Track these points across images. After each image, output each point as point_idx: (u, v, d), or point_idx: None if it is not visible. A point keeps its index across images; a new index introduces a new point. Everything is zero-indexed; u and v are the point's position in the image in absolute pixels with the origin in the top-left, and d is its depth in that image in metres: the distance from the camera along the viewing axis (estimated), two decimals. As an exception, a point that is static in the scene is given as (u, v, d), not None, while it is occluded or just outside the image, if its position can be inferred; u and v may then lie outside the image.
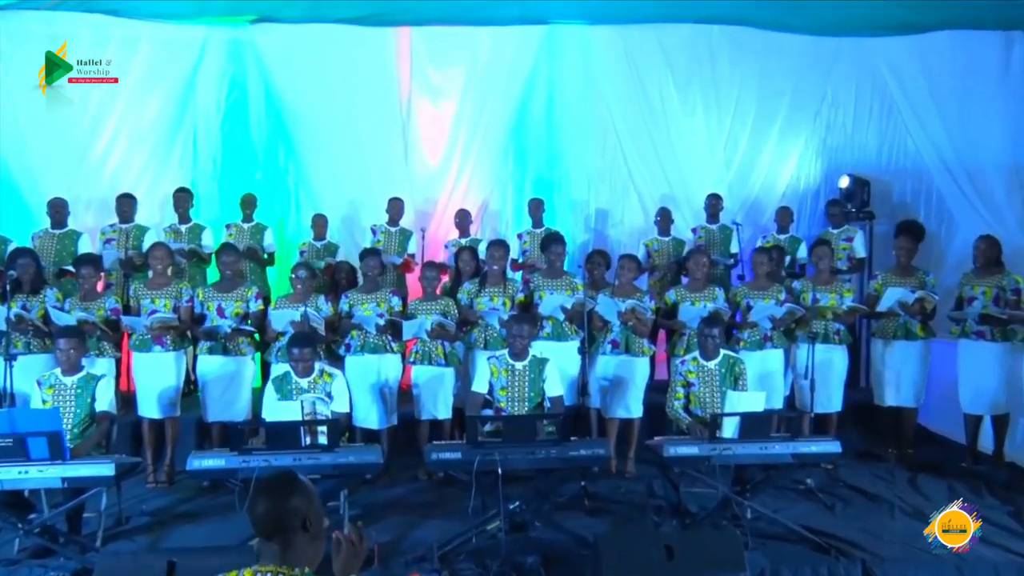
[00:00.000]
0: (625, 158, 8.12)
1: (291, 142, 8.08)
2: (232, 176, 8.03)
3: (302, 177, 8.13)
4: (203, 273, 6.96)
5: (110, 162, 7.66)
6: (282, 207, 8.19)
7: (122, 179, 7.58)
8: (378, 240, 7.37)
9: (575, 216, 8.28)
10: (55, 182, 7.15)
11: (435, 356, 5.68)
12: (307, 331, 5.44)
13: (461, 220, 7.49)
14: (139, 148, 7.72)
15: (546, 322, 5.82)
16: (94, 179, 7.58)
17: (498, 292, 5.86)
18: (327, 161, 8.00)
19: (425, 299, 5.84)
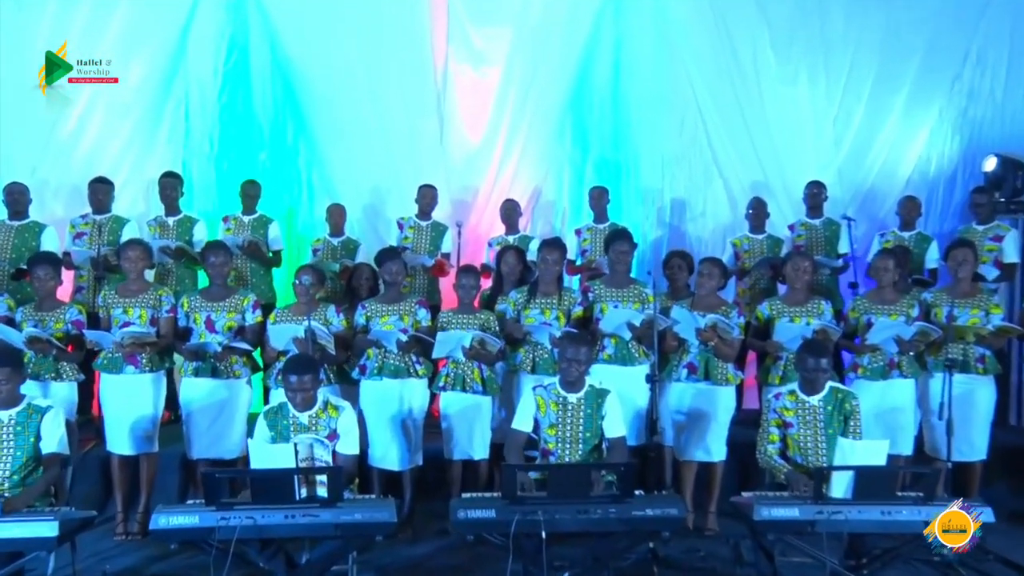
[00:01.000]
0: (708, 137, 8.11)
1: (303, 117, 8.10)
2: (231, 158, 8.05)
3: (316, 159, 8.17)
4: (194, 276, 6.95)
5: (83, 140, 7.68)
6: (291, 196, 8.21)
7: (97, 161, 7.58)
8: (405, 236, 7.34)
9: (646, 208, 8.28)
10: (15, 164, 7.17)
11: (470, 381, 5.58)
12: (309, 353, 5.26)
13: (507, 213, 7.44)
14: (118, 123, 7.74)
15: (608, 341, 5.69)
16: (62, 160, 7.59)
17: (550, 303, 5.75)
18: (346, 140, 8.05)
19: (460, 311, 5.73)
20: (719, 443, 5.62)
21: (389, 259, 5.83)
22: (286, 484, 4.06)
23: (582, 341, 5.02)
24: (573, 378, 4.94)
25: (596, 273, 6.73)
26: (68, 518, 4.11)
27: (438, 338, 5.46)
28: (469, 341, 5.44)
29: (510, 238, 7.29)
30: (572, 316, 5.76)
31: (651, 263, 7.64)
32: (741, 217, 7.48)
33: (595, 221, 7.38)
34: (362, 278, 6.43)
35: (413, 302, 5.79)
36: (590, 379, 5.01)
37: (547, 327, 5.68)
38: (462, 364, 5.58)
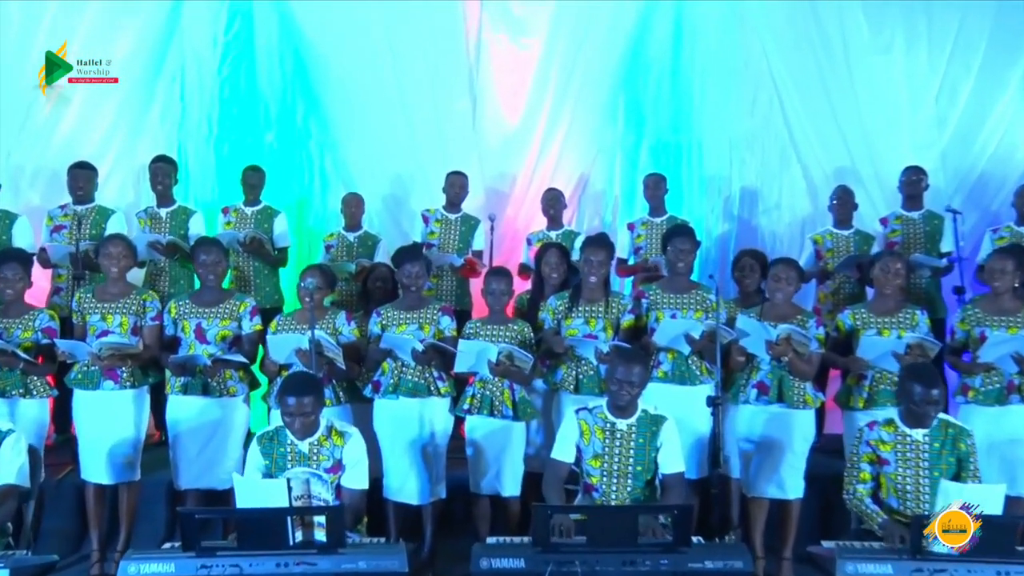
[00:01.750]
0: (785, 115, 8.12)
1: (314, 94, 8.16)
2: (233, 140, 8.08)
3: (329, 142, 8.23)
4: (190, 277, 6.95)
5: (63, 120, 7.72)
6: (301, 184, 8.26)
7: (80, 144, 7.61)
8: (431, 232, 7.36)
9: (711, 199, 8.27)
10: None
11: (499, 404, 5.50)
12: (314, 367, 5.17)
13: (549, 204, 7.42)
14: (103, 101, 7.76)
15: (663, 356, 5.62)
16: (40, 143, 7.64)
17: (596, 312, 5.69)
18: (364, 120, 8.13)
19: (490, 320, 5.66)
20: (795, 477, 5.49)
21: (408, 259, 5.74)
22: (278, 526, 3.94)
23: (634, 358, 4.88)
24: (623, 402, 4.81)
25: (652, 275, 6.70)
26: (21, 565, 3.98)
27: (459, 347, 5.38)
28: (496, 355, 5.37)
29: (552, 234, 7.27)
30: (622, 326, 5.70)
31: (716, 264, 7.69)
32: (823, 209, 7.41)
33: (651, 214, 7.33)
34: (377, 280, 6.38)
35: (436, 309, 5.69)
36: (643, 402, 4.91)
37: (592, 340, 5.58)
38: (490, 383, 5.52)
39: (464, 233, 7.33)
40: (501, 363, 5.40)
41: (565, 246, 6.47)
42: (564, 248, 6.31)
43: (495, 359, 5.38)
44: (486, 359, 5.40)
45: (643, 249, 7.20)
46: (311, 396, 4.57)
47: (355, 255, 7.15)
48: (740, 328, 5.45)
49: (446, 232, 7.33)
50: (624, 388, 4.77)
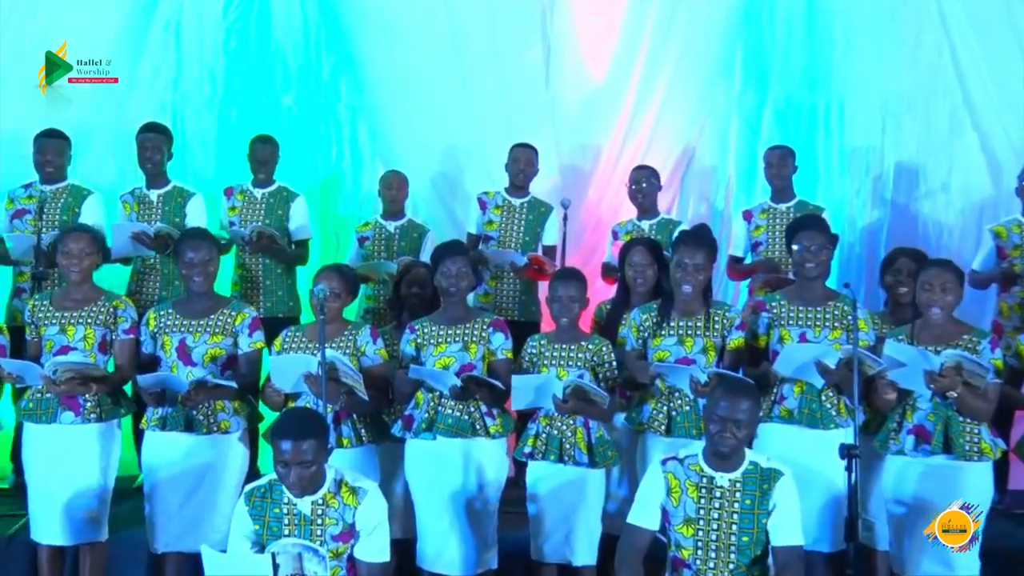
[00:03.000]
0: (958, 66, 8.02)
1: (345, 45, 8.28)
2: (241, 104, 8.15)
3: (364, 106, 8.35)
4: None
5: None
6: (328, 160, 8.38)
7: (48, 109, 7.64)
8: (489, 221, 7.38)
9: (855, 178, 8.23)
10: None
11: (571, 446, 5.47)
12: (324, 397, 5.13)
13: (641, 186, 7.32)
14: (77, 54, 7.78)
15: (788, 390, 5.54)
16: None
17: (694, 329, 5.65)
18: (408, 79, 8.17)
19: (558, 336, 5.65)
20: (970, 555, 5.25)
21: (447, 254, 5.69)
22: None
23: (741, 390, 4.75)
24: (726, 448, 4.66)
25: (776, 280, 6.70)
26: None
27: (514, 383, 5.37)
28: (562, 391, 5.32)
29: (644, 224, 7.22)
30: (728, 348, 5.65)
31: (861, 265, 7.75)
32: (1008, 191, 7.38)
33: (774, 199, 7.26)
34: (413, 284, 6.29)
35: (486, 323, 5.64)
36: (755, 451, 4.83)
37: (687, 367, 5.45)
38: (558, 420, 5.49)
39: (531, 223, 7.33)
40: (570, 398, 5.35)
41: (658, 241, 6.46)
42: (656, 244, 6.29)
43: (561, 395, 5.31)
44: (550, 393, 5.34)
45: (763, 244, 7.14)
46: (313, 439, 4.44)
47: (396, 251, 7.21)
48: (890, 355, 5.28)
49: (508, 222, 7.33)
50: (727, 429, 4.62)
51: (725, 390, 4.77)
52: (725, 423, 4.63)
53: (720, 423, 4.64)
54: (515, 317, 7.02)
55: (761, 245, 7.14)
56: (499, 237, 7.25)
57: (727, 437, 4.64)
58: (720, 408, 4.66)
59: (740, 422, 4.63)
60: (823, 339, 5.51)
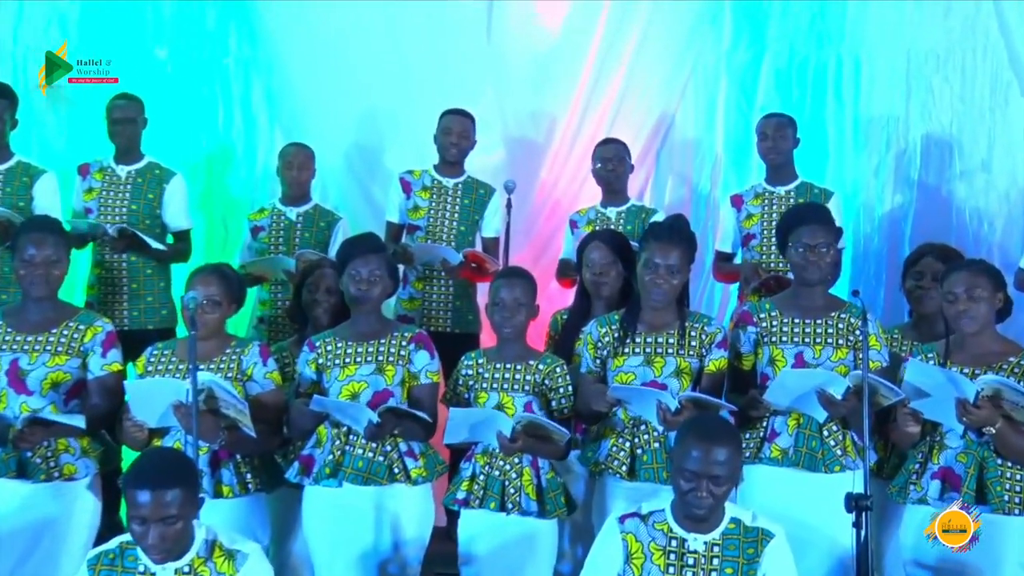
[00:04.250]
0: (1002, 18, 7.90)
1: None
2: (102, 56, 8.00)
3: (260, 61, 8.47)
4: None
5: None
6: (213, 129, 8.47)
7: None
8: (415, 207, 7.42)
9: (873, 153, 8.26)
10: None
11: (515, 491, 5.45)
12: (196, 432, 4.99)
13: (609, 164, 7.35)
14: None
15: (781, 424, 5.51)
16: None
17: (665, 345, 5.61)
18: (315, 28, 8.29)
19: (501, 354, 5.66)
20: None
21: (358, 253, 5.63)
22: None
23: (719, 436, 4.62)
24: (702, 511, 4.60)
25: (775, 281, 6.68)
26: None
27: (451, 416, 5.36)
28: (512, 428, 5.28)
29: (610, 212, 7.23)
30: (707, 370, 5.62)
31: (880, 263, 7.76)
32: None
33: (771, 180, 7.27)
34: (319, 288, 6.24)
35: (406, 338, 5.61)
36: (737, 505, 4.76)
37: (655, 392, 5.40)
38: (499, 459, 5.46)
39: (468, 209, 7.35)
40: (520, 437, 5.31)
41: (624, 234, 6.45)
42: (621, 237, 6.29)
43: (509, 432, 5.27)
44: (494, 430, 5.31)
45: (757, 238, 7.13)
46: (178, 488, 4.32)
47: (299, 244, 7.25)
48: (910, 381, 5.26)
49: (439, 208, 7.34)
50: (701, 487, 4.53)
51: (697, 435, 4.61)
52: (699, 479, 4.51)
53: (692, 479, 4.52)
54: (447, 328, 7.12)
55: (755, 239, 7.12)
56: (427, 227, 7.24)
57: (702, 497, 4.52)
58: (691, 460, 4.51)
59: (718, 478, 4.50)
60: (824, 360, 5.51)
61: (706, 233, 7.83)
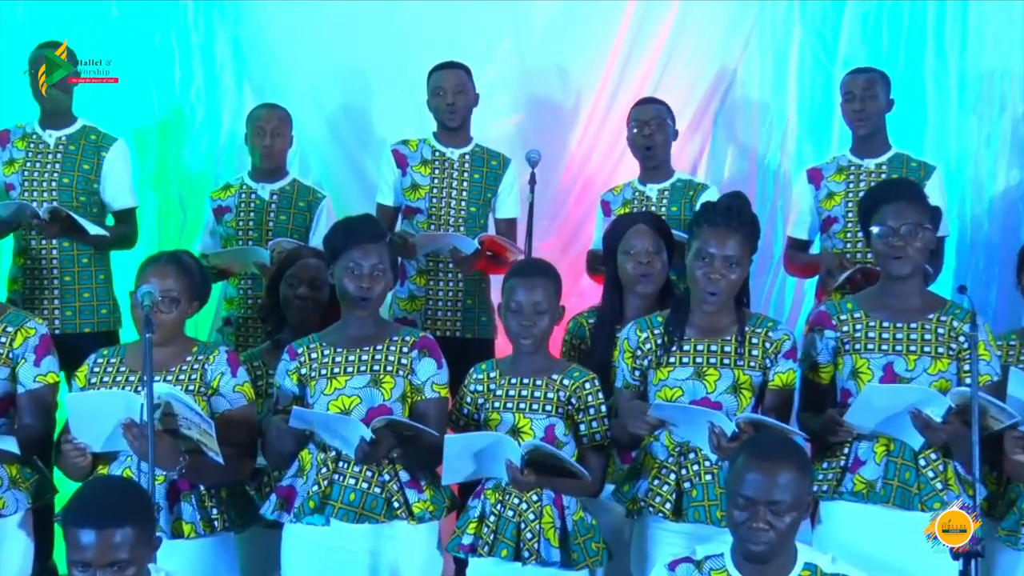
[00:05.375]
0: None
1: None
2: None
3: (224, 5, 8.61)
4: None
5: None
6: (167, 87, 8.56)
7: None
8: (412, 185, 7.47)
9: (983, 119, 8.30)
10: None
11: (532, 536, 5.43)
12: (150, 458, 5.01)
13: (651, 130, 7.36)
14: None
15: (867, 451, 5.48)
16: None
17: (719, 356, 5.59)
18: None
19: (518, 367, 5.66)
20: None
21: (356, 240, 5.60)
22: None
23: (781, 454, 4.63)
24: (762, 546, 4.56)
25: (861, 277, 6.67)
26: None
27: (447, 448, 5.34)
28: (520, 458, 5.28)
29: (651, 191, 7.28)
30: (771, 385, 5.60)
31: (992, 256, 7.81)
32: None
33: (858, 151, 7.28)
34: (300, 283, 6.31)
35: (407, 343, 5.62)
36: (811, 548, 4.78)
37: (706, 411, 5.40)
38: (513, 496, 5.46)
39: (478, 185, 7.41)
40: (528, 466, 5.30)
41: (661, 219, 6.49)
42: (660, 223, 6.33)
43: (519, 461, 5.26)
44: (502, 460, 5.30)
45: (840, 222, 7.13)
46: (129, 527, 4.31)
47: (273, 229, 7.35)
48: (1016, 395, 5.33)
49: (443, 185, 7.38)
50: (758, 517, 4.49)
51: (752, 455, 4.61)
52: (755, 507, 4.49)
53: (749, 508, 4.49)
54: (456, 333, 7.17)
55: (837, 223, 7.10)
56: (429, 209, 7.27)
57: (760, 529, 4.47)
58: (746, 484, 4.50)
59: (778, 505, 4.46)
60: (920, 373, 5.45)
61: (775, 216, 7.88)
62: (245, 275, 7.07)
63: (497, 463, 5.32)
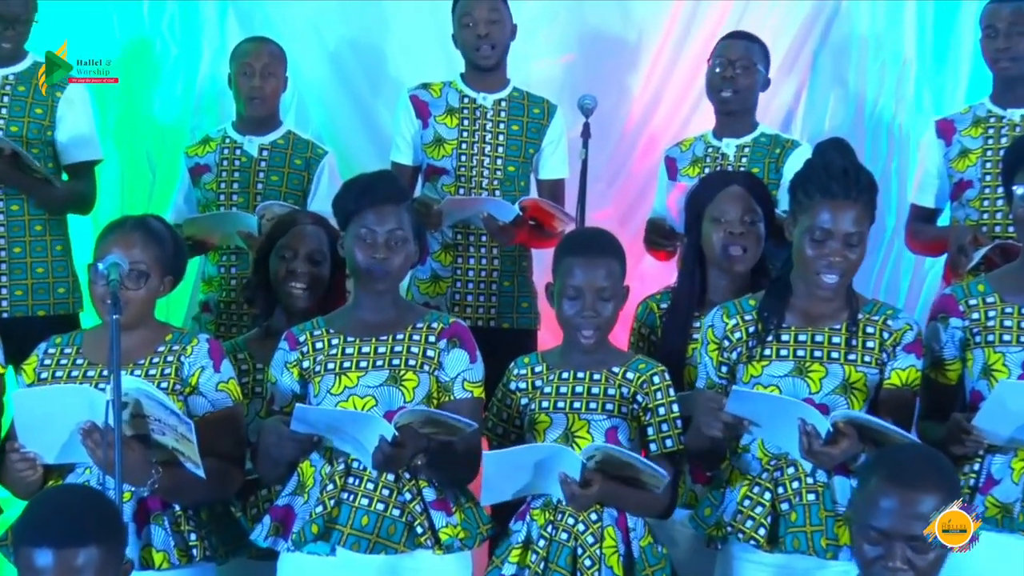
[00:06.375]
0: None
1: None
2: None
3: None
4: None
5: None
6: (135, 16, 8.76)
7: None
8: (436, 140, 7.54)
9: None
10: None
11: (592, 564, 5.45)
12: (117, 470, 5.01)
13: (730, 68, 7.39)
14: None
15: (1002, 467, 5.47)
16: None
17: (825, 348, 5.59)
18: None
19: (570, 359, 5.71)
20: None
21: (373, 202, 5.64)
22: None
23: (925, 478, 4.58)
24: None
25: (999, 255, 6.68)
26: None
27: (486, 464, 5.36)
28: (579, 466, 5.27)
29: (728, 146, 7.35)
30: (889, 384, 5.57)
31: None
32: None
33: (999, 100, 7.26)
34: (296, 256, 6.35)
35: (434, 330, 5.65)
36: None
37: (794, 404, 5.40)
38: (567, 516, 5.47)
39: (517, 138, 7.48)
40: (594, 479, 5.28)
41: (760, 181, 6.53)
42: (759, 185, 6.37)
43: (578, 474, 5.25)
44: (555, 472, 5.30)
45: (976, 186, 7.12)
46: (94, 547, 4.28)
47: (263, 191, 7.50)
48: None
49: (473, 139, 7.45)
50: (896, 554, 4.45)
51: (890, 476, 4.53)
52: (892, 544, 4.43)
53: (883, 543, 4.44)
54: (490, 322, 7.24)
55: (971, 187, 7.08)
56: (457, 169, 7.31)
57: (898, 569, 4.44)
58: (882, 514, 4.44)
59: (921, 541, 4.43)
60: None
61: (887, 178, 7.89)
62: (227, 248, 7.14)
63: (549, 478, 5.32)
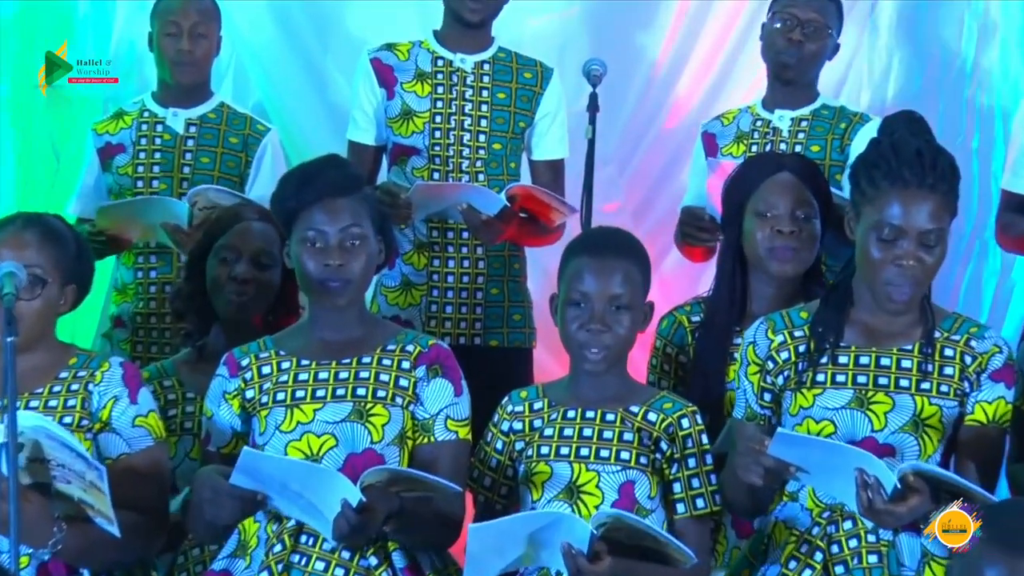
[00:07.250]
0: None
1: None
2: None
3: None
4: None
5: None
6: None
7: None
8: (405, 113, 7.60)
9: None
10: None
11: None
12: None
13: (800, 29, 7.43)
14: None
15: None
16: None
17: (893, 373, 5.53)
18: None
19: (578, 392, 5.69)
20: None
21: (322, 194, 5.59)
22: None
23: None
24: None
25: None
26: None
27: (470, 537, 5.27)
28: (588, 538, 5.17)
29: (781, 119, 7.42)
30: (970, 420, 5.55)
31: None
32: None
33: None
34: (239, 257, 6.34)
35: (410, 354, 5.60)
36: None
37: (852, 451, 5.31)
38: None
39: (504, 109, 7.57)
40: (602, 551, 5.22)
41: (816, 166, 6.61)
42: (815, 172, 6.42)
43: (587, 547, 5.18)
44: (557, 543, 5.23)
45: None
46: None
47: (192, 176, 7.67)
48: None
49: (451, 110, 7.54)
50: None
51: (1005, 546, 4.51)
52: None
53: None
54: (473, 339, 7.30)
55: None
56: (430, 149, 7.35)
57: None
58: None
59: None
60: None
61: (968, 160, 7.82)
62: (146, 246, 7.15)
63: (548, 548, 5.29)
